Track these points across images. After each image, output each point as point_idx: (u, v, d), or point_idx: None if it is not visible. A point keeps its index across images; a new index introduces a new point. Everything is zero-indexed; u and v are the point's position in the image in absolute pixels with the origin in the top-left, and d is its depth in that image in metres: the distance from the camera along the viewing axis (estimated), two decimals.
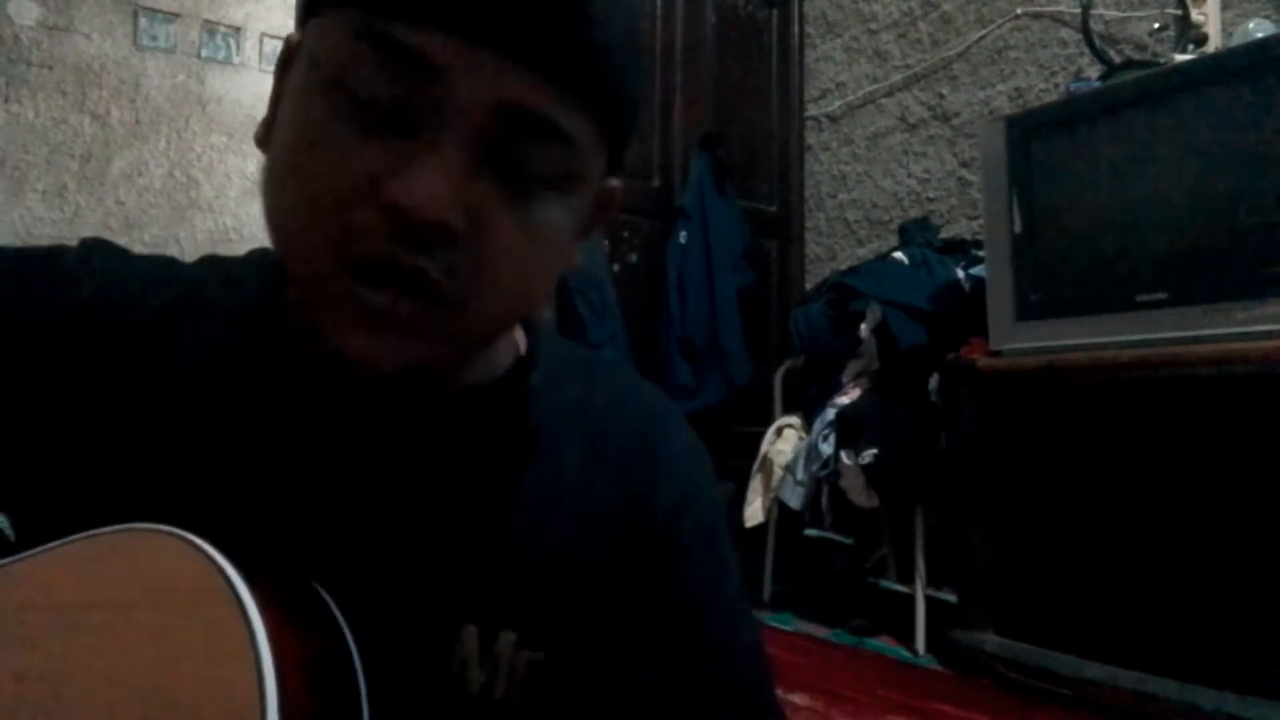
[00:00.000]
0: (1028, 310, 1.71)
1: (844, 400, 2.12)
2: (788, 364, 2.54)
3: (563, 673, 0.44)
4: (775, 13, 3.05)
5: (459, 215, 0.34)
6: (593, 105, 0.37)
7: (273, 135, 0.38)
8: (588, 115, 0.37)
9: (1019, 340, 1.72)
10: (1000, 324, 1.75)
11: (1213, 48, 1.83)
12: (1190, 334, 1.46)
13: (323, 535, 0.42)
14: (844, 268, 2.70)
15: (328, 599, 0.38)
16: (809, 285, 2.94)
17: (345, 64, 0.35)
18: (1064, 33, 2.39)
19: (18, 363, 0.42)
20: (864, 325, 2.14)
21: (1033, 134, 1.74)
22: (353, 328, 0.35)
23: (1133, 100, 1.62)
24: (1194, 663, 1.45)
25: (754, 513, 2.30)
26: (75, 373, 0.43)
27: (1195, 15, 1.85)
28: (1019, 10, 2.48)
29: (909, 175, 2.77)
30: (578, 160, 0.38)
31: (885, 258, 2.35)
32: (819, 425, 2.12)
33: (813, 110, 3.08)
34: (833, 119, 3.02)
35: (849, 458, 1.98)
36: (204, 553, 0.34)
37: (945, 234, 2.51)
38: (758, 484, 2.33)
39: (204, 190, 2.01)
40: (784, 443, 2.30)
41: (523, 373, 0.47)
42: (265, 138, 0.39)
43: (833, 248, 3.00)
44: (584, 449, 0.47)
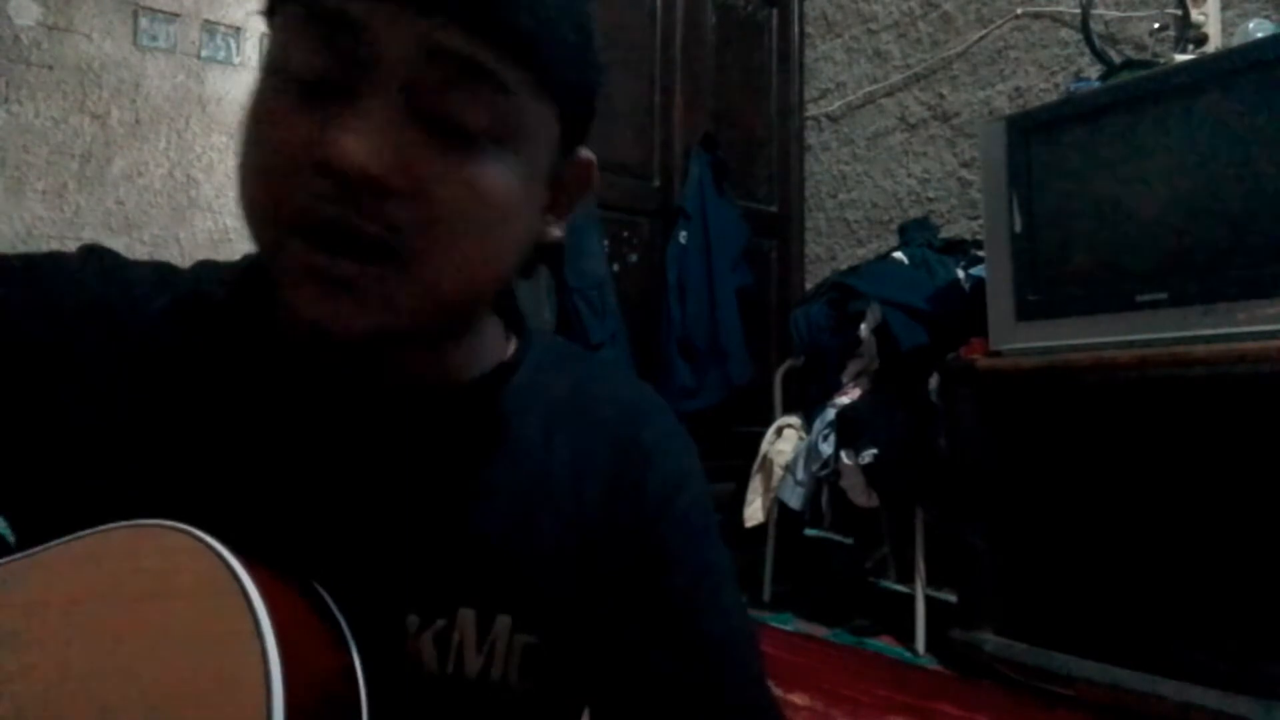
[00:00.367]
0: (1028, 310, 1.71)
1: (844, 400, 2.12)
2: (788, 364, 2.54)
3: (558, 655, 0.45)
4: (775, 13, 3.05)
5: (388, 167, 0.35)
6: (521, 52, 0.37)
7: None
8: (517, 62, 0.37)
9: (1019, 340, 1.72)
10: (1000, 324, 1.75)
11: (1213, 48, 1.83)
12: (1190, 334, 1.46)
13: (320, 526, 0.42)
14: (844, 268, 2.70)
15: (322, 591, 0.38)
16: (809, 285, 2.94)
17: (287, 46, 0.37)
18: (1064, 33, 2.39)
19: (17, 366, 0.42)
20: (864, 325, 2.14)
21: (1033, 134, 1.74)
22: (306, 293, 0.37)
23: (1133, 100, 1.62)
24: (1194, 663, 1.45)
25: (754, 513, 2.30)
26: (74, 376, 0.43)
27: (1195, 15, 1.85)
28: (1019, 10, 2.48)
29: (909, 175, 2.77)
30: (513, 110, 0.38)
31: (885, 258, 2.35)
32: (819, 425, 2.12)
33: (813, 110, 3.08)
34: (833, 119, 3.02)
35: (849, 458, 1.98)
36: (208, 546, 0.34)
37: (945, 234, 2.51)
38: (758, 484, 2.33)
39: (204, 190, 2.00)
40: (784, 443, 2.30)
41: (508, 369, 0.49)
42: None
43: (833, 248, 3.00)
44: (574, 438, 0.48)
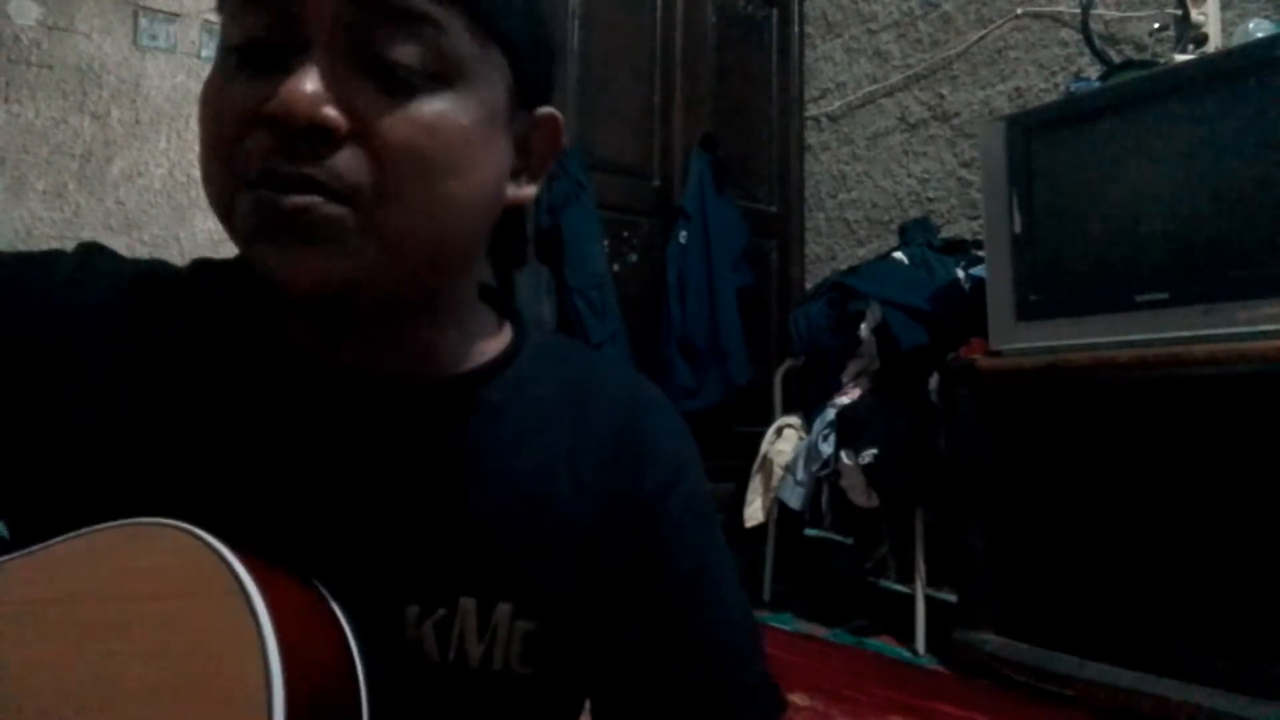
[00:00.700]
0: (1028, 310, 1.71)
1: (844, 400, 2.12)
2: (788, 364, 2.54)
3: (559, 640, 0.45)
4: (775, 13, 3.05)
5: (330, 111, 0.36)
6: None
7: None
8: (451, 3, 0.38)
9: (1019, 340, 1.72)
10: (1000, 324, 1.75)
11: (1213, 48, 1.83)
12: (1190, 334, 1.46)
13: (318, 521, 0.42)
14: (844, 268, 2.70)
15: (321, 587, 0.38)
16: (809, 285, 2.94)
17: (228, 24, 0.39)
18: (1064, 33, 2.39)
19: (16, 366, 0.42)
20: (864, 325, 2.14)
21: (1033, 134, 1.74)
22: (261, 245, 0.38)
23: (1133, 100, 1.62)
24: (1194, 663, 1.45)
25: (754, 513, 2.30)
26: (73, 376, 0.43)
27: (1195, 15, 1.85)
28: (1019, 10, 2.48)
29: (909, 175, 2.77)
30: (447, 46, 0.38)
31: (885, 258, 2.35)
32: (819, 425, 2.12)
33: (813, 110, 3.08)
34: (833, 119, 3.02)
35: (849, 458, 1.98)
36: (207, 544, 0.34)
37: (945, 234, 2.51)
38: (758, 484, 2.33)
39: (204, 190, 2.01)
40: (784, 443, 2.30)
41: (503, 360, 0.49)
42: None
43: (833, 248, 3.00)
44: (572, 428, 0.48)
